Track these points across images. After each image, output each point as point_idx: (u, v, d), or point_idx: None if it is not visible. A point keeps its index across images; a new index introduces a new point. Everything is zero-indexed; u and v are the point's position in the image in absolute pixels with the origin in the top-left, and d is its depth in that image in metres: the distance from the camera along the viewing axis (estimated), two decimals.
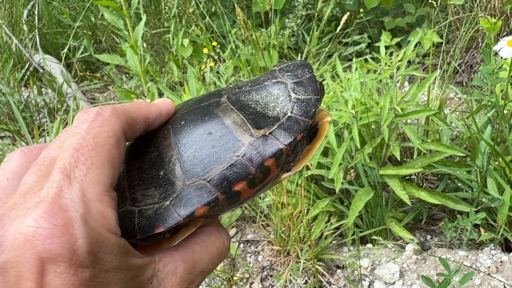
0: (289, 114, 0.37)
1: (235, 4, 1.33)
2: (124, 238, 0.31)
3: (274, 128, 0.36)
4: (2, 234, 0.27)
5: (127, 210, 0.35)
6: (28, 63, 2.84)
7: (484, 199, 1.36)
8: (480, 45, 2.47)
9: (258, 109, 0.38)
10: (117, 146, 0.32)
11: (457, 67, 2.48)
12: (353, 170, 1.19)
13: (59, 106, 2.53)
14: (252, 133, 0.36)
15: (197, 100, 0.41)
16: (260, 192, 0.38)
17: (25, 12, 3.16)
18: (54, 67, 2.75)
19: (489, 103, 1.70)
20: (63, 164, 0.29)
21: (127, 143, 0.35)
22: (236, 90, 0.40)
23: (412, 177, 1.67)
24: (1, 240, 0.27)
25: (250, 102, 0.39)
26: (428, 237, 1.58)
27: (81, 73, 1.17)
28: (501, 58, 1.31)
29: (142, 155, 0.38)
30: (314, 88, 0.39)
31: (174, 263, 0.34)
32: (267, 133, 0.36)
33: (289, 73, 0.41)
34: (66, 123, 2.13)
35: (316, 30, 2.41)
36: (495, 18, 2.36)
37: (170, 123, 0.38)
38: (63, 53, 2.65)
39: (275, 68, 0.42)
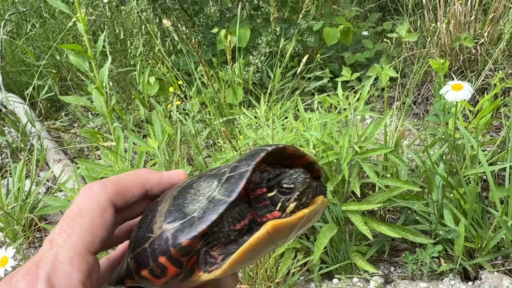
0: (195, 214, 0.35)
1: (196, 53, 1.38)
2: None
3: (176, 225, 0.35)
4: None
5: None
6: None
7: (441, 232, 1.42)
8: (434, 78, 2.60)
9: (185, 201, 0.37)
10: (102, 215, 0.37)
11: (413, 100, 2.60)
12: None
13: (22, 146, 2.49)
14: (161, 226, 0.36)
15: (200, 175, 0.41)
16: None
17: None
18: (17, 106, 2.72)
19: (443, 137, 1.79)
20: (52, 233, 0.36)
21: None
22: (207, 173, 0.40)
23: (374, 209, 1.73)
24: None
25: (191, 190, 0.38)
26: (392, 268, 1.62)
27: (46, 122, 1.18)
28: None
29: (145, 215, 0.41)
30: (235, 188, 0.35)
31: None
32: (166, 230, 0.36)
33: (230, 165, 0.37)
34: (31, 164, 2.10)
35: (279, 67, 2.49)
36: (445, 54, 2.51)
37: (172, 190, 0.41)
38: (27, 93, 2.62)
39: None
